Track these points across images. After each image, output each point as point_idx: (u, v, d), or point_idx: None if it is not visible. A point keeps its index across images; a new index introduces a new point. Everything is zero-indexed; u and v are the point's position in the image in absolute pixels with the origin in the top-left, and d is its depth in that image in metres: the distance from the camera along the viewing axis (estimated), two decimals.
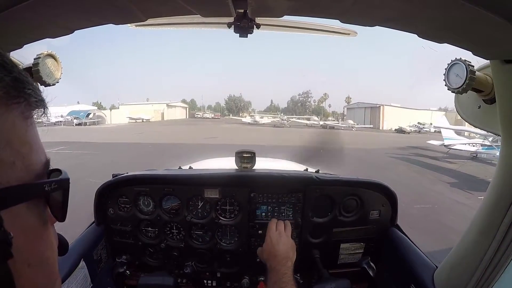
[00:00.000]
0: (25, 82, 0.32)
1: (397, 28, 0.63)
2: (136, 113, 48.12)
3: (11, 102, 0.29)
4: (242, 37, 0.79)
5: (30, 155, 0.32)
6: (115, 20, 0.63)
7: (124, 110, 49.19)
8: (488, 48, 0.66)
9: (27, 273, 0.30)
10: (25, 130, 0.31)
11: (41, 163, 0.34)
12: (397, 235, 1.36)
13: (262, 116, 59.39)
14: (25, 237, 0.29)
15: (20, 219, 0.30)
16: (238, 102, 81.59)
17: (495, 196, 0.81)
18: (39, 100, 0.34)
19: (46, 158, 0.35)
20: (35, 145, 0.33)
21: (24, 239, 0.29)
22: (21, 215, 0.30)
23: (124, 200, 1.42)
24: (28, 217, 0.31)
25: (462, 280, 0.88)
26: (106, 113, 46.93)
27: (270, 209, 1.40)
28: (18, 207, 0.29)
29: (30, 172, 0.31)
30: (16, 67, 0.31)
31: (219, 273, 1.47)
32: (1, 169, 0.28)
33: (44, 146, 0.35)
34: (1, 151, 0.28)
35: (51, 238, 0.36)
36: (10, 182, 0.28)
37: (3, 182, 0.28)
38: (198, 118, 64.40)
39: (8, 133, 0.29)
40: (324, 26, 1.02)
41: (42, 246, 0.34)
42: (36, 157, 0.33)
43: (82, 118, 35.79)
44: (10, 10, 0.52)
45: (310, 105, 77.05)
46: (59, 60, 0.78)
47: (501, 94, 0.72)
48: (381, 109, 54.21)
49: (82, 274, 1.13)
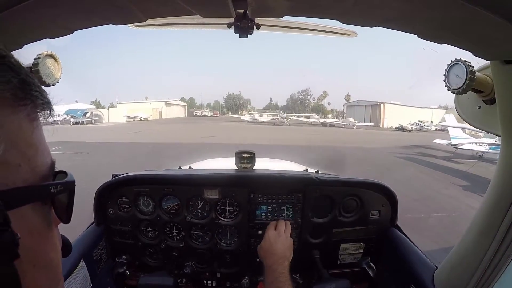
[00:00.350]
0: (32, 84, 0.32)
1: (397, 28, 0.63)
2: (134, 112, 47.73)
3: (17, 104, 0.29)
4: (242, 38, 0.79)
5: (35, 157, 0.32)
6: (115, 20, 0.63)
7: (122, 109, 48.83)
8: (488, 48, 0.66)
9: (31, 273, 0.30)
10: (31, 132, 0.31)
11: (47, 165, 0.34)
12: (397, 235, 1.36)
13: (262, 114, 59.03)
14: (30, 238, 0.29)
15: (25, 220, 0.30)
16: (237, 100, 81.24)
17: (495, 196, 0.81)
18: (45, 102, 0.34)
19: (51, 160, 0.35)
20: (41, 146, 0.33)
21: (29, 240, 0.29)
22: (26, 216, 0.30)
23: (124, 200, 1.42)
24: (34, 218, 0.32)
25: (462, 280, 0.88)
26: (104, 112, 46.64)
27: (270, 209, 1.39)
28: (23, 209, 0.29)
29: (36, 174, 0.31)
30: (23, 68, 0.31)
31: (219, 273, 1.47)
32: (7, 171, 0.28)
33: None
34: (7, 153, 0.28)
35: (55, 239, 0.36)
36: (16, 184, 0.28)
37: (9, 183, 0.28)
38: (197, 116, 63.88)
39: (14, 135, 0.29)
40: (324, 26, 1.02)
41: (47, 247, 0.34)
42: (41, 159, 0.33)
43: (79, 117, 35.48)
44: (10, 10, 0.52)
45: (310, 103, 76.81)
46: (59, 60, 0.78)
47: (501, 94, 0.72)
48: (381, 107, 53.84)
49: (82, 274, 1.13)
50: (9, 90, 0.28)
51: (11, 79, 0.29)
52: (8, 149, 0.28)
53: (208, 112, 72.17)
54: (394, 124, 47.40)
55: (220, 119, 56.38)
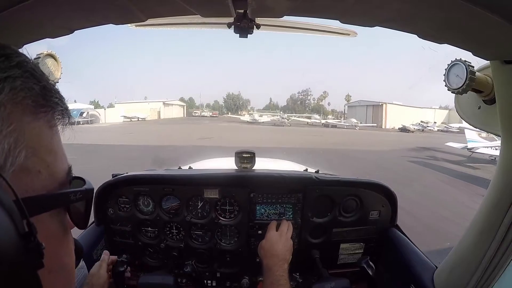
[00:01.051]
0: (53, 91, 0.32)
1: (397, 28, 0.63)
2: (131, 112, 46.88)
3: (39, 111, 0.30)
4: (242, 37, 0.79)
5: (54, 163, 0.32)
6: (115, 20, 0.63)
7: (120, 109, 48.35)
8: (488, 48, 0.66)
9: (47, 279, 0.30)
10: (50, 138, 0.32)
11: (65, 171, 0.34)
12: (397, 235, 1.36)
13: (261, 115, 58.25)
14: (47, 244, 0.30)
15: (44, 226, 0.30)
16: (237, 100, 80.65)
17: (495, 196, 0.81)
18: (64, 108, 0.34)
19: (68, 165, 0.35)
20: (59, 152, 0.33)
21: (46, 246, 0.29)
22: (44, 222, 0.30)
23: (124, 200, 1.42)
24: (51, 224, 0.32)
25: (462, 280, 0.88)
26: (102, 112, 46.13)
27: (269, 209, 1.39)
28: (42, 215, 0.29)
29: (54, 180, 0.32)
30: (44, 75, 0.31)
31: (219, 273, 1.47)
32: (28, 178, 0.28)
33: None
34: (28, 160, 0.28)
35: (70, 244, 0.36)
36: (36, 191, 0.28)
37: (30, 190, 0.28)
38: (195, 116, 63.09)
39: (34, 142, 0.29)
40: (324, 26, 1.02)
41: (62, 253, 0.34)
42: (60, 165, 0.33)
43: (75, 117, 35.07)
44: (10, 10, 0.52)
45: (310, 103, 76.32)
46: (59, 60, 0.78)
47: (501, 94, 0.72)
48: (383, 107, 52.84)
49: (82, 274, 1.13)
50: (31, 97, 0.29)
51: (33, 86, 0.29)
52: (29, 156, 0.28)
53: (207, 112, 71.59)
54: (395, 125, 46.64)
55: (218, 119, 54.42)
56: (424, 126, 41.79)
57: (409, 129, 40.89)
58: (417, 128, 41.63)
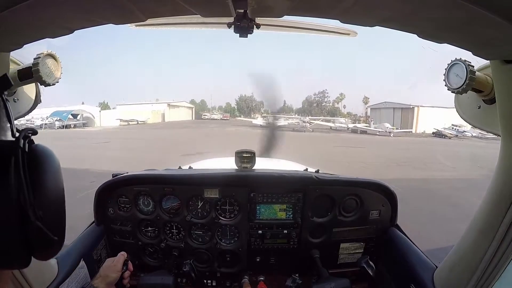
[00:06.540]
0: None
1: (397, 28, 0.63)
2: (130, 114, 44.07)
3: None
4: (242, 37, 0.80)
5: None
6: (115, 20, 0.63)
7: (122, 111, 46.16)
8: (488, 48, 0.66)
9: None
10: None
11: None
12: (397, 235, 1.36)
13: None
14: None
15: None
16: (250, 102, 78.72)
17: (495, 196, 0.81)
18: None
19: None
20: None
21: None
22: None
23: (124, 200, 1.42)
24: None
25: (462, 280, 0.88)
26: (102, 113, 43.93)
27: (270, 209, 1.40)
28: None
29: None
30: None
31: (219, 273, 1.47)
32: None
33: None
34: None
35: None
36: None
37: None
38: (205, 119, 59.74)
39: None
40: (324, 26, 1.02)
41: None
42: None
43: (65, 119, 31.13)
44: (10, 10, 0.52)
45: (326, 106, 73.70)
46: (59, 59, 0.78)
47: (501, 94, 0.72)
48: (415, 110, 43.66)
49: (82, 273, 1.13)
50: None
51: None
52: None
53: (218, 115, 69.26)
54: (426, 129, 36.89)
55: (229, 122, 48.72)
56: (460, 131, 30.71)
57: (445, 134, 31.37)
58: (452, 133, 31.34)
